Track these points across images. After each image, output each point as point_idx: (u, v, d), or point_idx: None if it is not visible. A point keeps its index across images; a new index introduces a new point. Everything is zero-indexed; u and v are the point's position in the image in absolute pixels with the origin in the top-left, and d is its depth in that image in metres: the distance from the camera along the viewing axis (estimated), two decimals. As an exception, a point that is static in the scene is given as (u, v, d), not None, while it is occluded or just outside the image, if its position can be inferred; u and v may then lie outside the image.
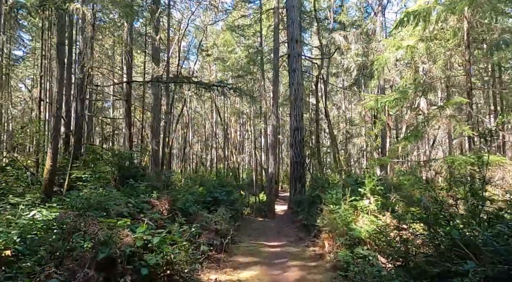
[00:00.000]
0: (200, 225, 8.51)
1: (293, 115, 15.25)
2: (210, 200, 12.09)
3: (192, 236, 7.56)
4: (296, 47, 15.23)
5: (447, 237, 4.63)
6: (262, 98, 24.32)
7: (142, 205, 7.13)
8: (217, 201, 12.17)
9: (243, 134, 33.36)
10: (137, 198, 7.15)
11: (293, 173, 15.26)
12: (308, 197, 12.79)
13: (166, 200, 7.76)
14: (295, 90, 15.19)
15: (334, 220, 8.19)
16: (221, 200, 12.14)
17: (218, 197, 12.14)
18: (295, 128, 15.13)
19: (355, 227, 7.66)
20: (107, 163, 8.79)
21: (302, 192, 15.00)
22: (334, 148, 18.77)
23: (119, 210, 6.22)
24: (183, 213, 8.56)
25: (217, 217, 9.13)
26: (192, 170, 33.53)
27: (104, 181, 8.82)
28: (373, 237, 7.16)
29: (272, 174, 20.14)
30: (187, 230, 7.48)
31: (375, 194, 8.55)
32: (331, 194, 9.02)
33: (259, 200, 22.16)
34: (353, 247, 7.19)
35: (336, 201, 8.70)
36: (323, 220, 9.07)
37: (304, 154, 15.58)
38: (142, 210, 6.90)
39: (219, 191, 12.61)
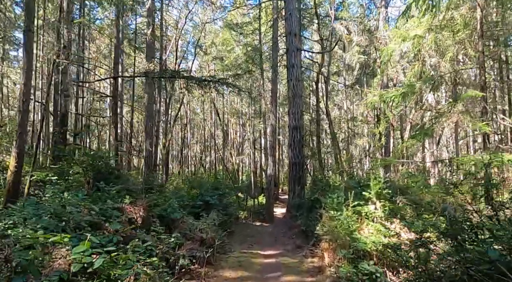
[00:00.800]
0: (182, 233, 7.39)
1: (292, 113, 14.12)
2: (201, 204, 10.98)
3: (171, 247, 6.44)
4: (294, 41, 14.12)
5: (482, 258, 3.49)
6: (261, 97, 23.23)
7: (111, 212, 6.01)
8: (208, 205, 11.05)
9: (242, 135, 32.24)
10: (105, 204, 6.03)
11: (291, 175, 14.12)
12: (308, 200, 11.65)
13: (141, 205, 6.64)
14: (294, 86, 14.06)
15: (335, 228, 7.04)
16: (212, 204, 11.01)
17: (210, 201, 11.02)
18: (294, 127, 14.00)
19: (359, 237, 6.50)
20: (78, 163, 7.70)
21: (301, 195, 13.86)
22: (336, 148, 17.61)
23: (77, 219, 5.10)
24: (164, 220, 7.44)
25: (204, 224, 8.00)
26: (191, 172, 32.40)
27: (77, 184, 7.74)
28: (381, 250, 6.01)
29: (271, 176, 19.03)
30: (165, 241, 6.36)
31: (381, 198, 7.39)
32: (332, 198, 7.86)
33: (258, 202, 21.03)
34: (357, 261, 6.04)
35: (337, 206, 7.55)
36: (323, 227, 7.93)
37: (303, 154, 14.44)
38: (109, 218, 5.78)
39: (211, 194, 11.48)
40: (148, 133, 18.73)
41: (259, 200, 21.63)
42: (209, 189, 12.48)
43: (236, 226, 12.99)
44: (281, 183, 35.31)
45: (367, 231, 6.83)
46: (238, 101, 30.77)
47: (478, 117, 9.33)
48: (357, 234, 6.72)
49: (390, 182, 9.76)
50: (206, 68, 30.67)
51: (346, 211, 7.18)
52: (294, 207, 13.14)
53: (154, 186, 12.14)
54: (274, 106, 19.33)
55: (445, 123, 9.78)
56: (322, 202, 9.00)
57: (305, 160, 14.70)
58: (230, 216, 11.69)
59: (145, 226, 6.59)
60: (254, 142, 27.67)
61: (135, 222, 6.47)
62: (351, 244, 6.39)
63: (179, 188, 16.68)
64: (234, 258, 8.09)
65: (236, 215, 14.43)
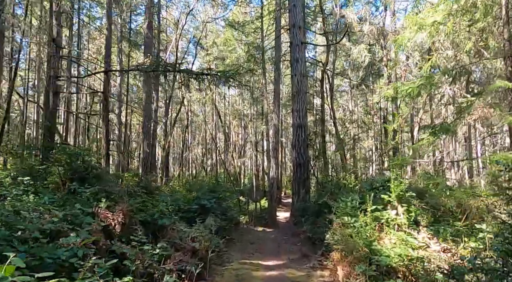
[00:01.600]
0: (171, 243, 6.25)
1: (296, 110, 13.00)
2: (197, 209, 9.84)
3: (156, 260, 5.31)
4: (298, 34, 13.04)
5: None
6: (264, 98, 22.15)
7: (82, 218, 4.89)
8: (205, 209, 9.91)
9: (244, 137, 31.12)
10: (73, 209, 4.91)
11: (296, 177, 12.97)
12: (314, 204, 10.49)
13: (121, 210, 5.52)
14: (298, 82, 12.95)
15: (350, 238, 5.89)
16: (209, 209, 9.87)
17: (206, 205, 9.87)
18: (298, 126, 12.87)
19: (380, 249, 5.35)
20: (52, 161, 6.63)
21: (306, 198, 12.71)
22: (341, 149, 16.46)
23: (31, 228, 3.99)
24: (150, 227, 6.31)
25: (197, 231, 6.85)
26: (192, 175, 31.28)
27: (54, 186, 6.65)
28: (409, 265, 4.85)
29: (273, 179, 17.93)
30: (148, 253, 5.23)
31: (403, 202, 6.23)
32: (345, 202, 6.70)
33: (260, 206, 19.87)
34: (380, 278, 4.88)
35: (351, 211, 6.40)
36: (333, 235, 6.77)
37: (308, 154, 13.30)
38: (78, 226, 4.66)
39: (208, 198, 10.34)
40: (145, 134, 17.68)
41: (261, 204, 20.47)
42: (206, 192, 11.34)
43: (236, 232, 11.84)
44: (284, 186, 34.12)
45: (388, 241, 5.67)
46: (240, 102, 29.72)
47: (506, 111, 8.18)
48: (376, 244, 5.56)
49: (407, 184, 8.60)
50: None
51: (363, 217, 6.02)
52: (299, 211, 11.98)
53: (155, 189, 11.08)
54: (277, 106, 18.26)
55: (468, 119, 8.63)
56: (332, 206, 7.85)
57: (310, 161, 13.55)
58: (229, 221, 10.55)
59: (125, 234, 5.46)
60: (256, 144, 26.55)
61: (113, 230, 5.35)
62: (370, 257, 5.23)
63: (175, 190, 15.57)
64: (231, 271, 6.93)
65: (237, 219, 13.27)
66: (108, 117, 11.23)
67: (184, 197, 12.26)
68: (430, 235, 5.56)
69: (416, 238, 5.41)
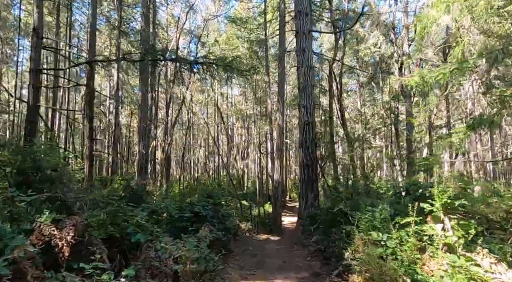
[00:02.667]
0: (146, 266, 4.70)
1: (303, 106, 11.44)
2: (189, 217, 8.28)
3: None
4: (305, 22, 11.51)
5: None
6: (268, 97, 20.60)
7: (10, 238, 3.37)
8: (199, 217, 8.35)
9: (248, 139, 29.55)
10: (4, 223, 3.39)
11: (303, 180, 11.38)
12: (326, 211, 8.87)
13: (73, 225, 3.98)
14: (305, 75, 11.41)
15: (380, 260, 4.32)
16: (204, 217, 8.31)
17: (201, 213, 8.31)
18: (306, 123, 11.31)
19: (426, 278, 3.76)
20: None
21: (315, 204, 11.13)
22: (351, 150, 14.87)
23: None
24: (119, 246, 4.76)
25: (182, 250, 5.30)
26: (194, 178, 29.71)
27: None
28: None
29: (278, 182, 16.38)
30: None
31: (451, 213, 4.62)
32: (372, 212, 5.11)
33: (264, 211, 18.29)
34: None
35: (381, 224, 4.81)
36: (355, 252, 5.21)
37: (317, 155, 11.72)
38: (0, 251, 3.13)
39: (203, 204, 8.77)
40: (142, 135, 16.21)
41: (265, 209, 18.89)
42: (203, 197, 9.79)
43: (236, 242, 10.25)
44: (289, 189, 32.50)
45: (435, 267, 4.08)
46: (242, 101, 28.21)
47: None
48: (419, 271, 3.98)
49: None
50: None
51: (397, 233, 4.43)
52: (307, 219, 10.39)
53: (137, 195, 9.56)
54: (281, 104, 16.74)
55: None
56: (350, 216, 6.28)
57: (318, 162, 11.96)
58: (227, 230, 8.96)
59: (78, 258, 3.91)
60: (260, 146, 24.98)
61: (59, 253, 3.81)
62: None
63: (173, 195, 14.06)
64: (226, 300, 5.37)
65: (237, 228, 11.72)
66: (92, 113, 9.74)
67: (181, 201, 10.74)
68: (495, 259, 3.96)
69: (480, 265, 3.80)
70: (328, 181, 13.08)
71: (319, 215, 9.94)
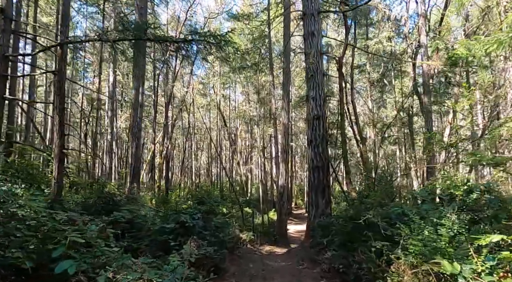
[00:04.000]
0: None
1: (311, 97, 9.60)
2: (173, 229, 6.44)
3: None
4: (313, 2, 9.75)
5: None
6: (272, 96, 18.82)
7: None
8: (186, 229, 6.50)
9: (251, 143, 27.71)
10: None
11: (312, 184, 9.48)
12: (343, 221, 6.97)
13: None
14: (314, 61, 9.61)
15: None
16: (191, 228, 6.46)
17: (187, 223, 6.46)
18: (315, 117, 9.46)
19: None
20: None
21: (327, 212, 9.22)
22: (364, 151, 12.99)
23: None
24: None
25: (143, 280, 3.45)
26: (196, 184, 27.85)
27: None
28: None
29: (283, 187, 14.50)
30: None
31: None
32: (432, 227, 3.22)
33: (268, 219, 16.41)
34: None
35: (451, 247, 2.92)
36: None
37: (328, 155, 9.84)
38: None
39: (191, 212, 6.92)
40: (134, 135, 14.51)
41: (269, 216, 17.00)
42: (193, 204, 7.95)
43: (233, 258, 8.34)
44: (295, 195, 30.51)
45: None
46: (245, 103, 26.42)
47: None
48: None
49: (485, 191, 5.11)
50: (211, 69, 26.54)
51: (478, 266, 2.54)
52: (319, 230, 8.49)
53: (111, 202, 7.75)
54: (287, 101, 14.96)
55: None
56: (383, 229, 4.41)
57: (330, 162, 10.06)
58: (221, 244, 7.09)
59: None
60: (264, 149, 23.12)
61: None
62: None
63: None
64: None
65: (237, 239, 9.84)
66: (63, 103, 8.00)
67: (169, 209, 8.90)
68: None
69: None
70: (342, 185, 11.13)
71: (333, 225, 8.05)
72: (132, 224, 6.58)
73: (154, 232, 6.51)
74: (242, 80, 23.06)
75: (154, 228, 6.39)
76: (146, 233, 6.56)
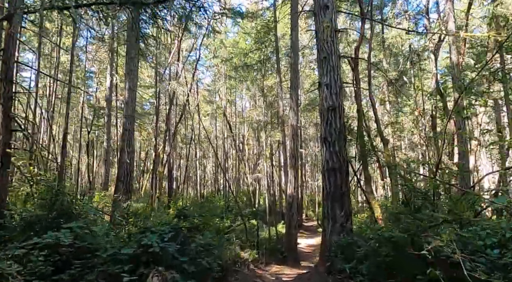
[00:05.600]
0: None
1: (325, 84, 7.49)
2: (131, 256, 4.36)
3: None
4: (326, -32, 7.77)
5: None
6: (279, 98, 16.80)
7: None
8: (153, 255, 4.40)
9: (259, 151, 25.56)
10: None
11: (328, 191, 7.27)
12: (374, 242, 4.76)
13: None
14: (328, 41, 7.55)
15: None
16: (156, 254, 4.35)
17: (151, 247, 4.36)
18: (330, 108, 7.34)
19: None
20: None
21: (347, 227, 7.01)
22: (387, 154, 10.76)
23: None
24: None
25: None
26: (201, 194, 25.73)
27: None
28: None
29: (292, 196, 12.36)
30: None
31: None
32: None
33: (277, 233, 14.18)
34: None
35: None
36: None
37: (347, 155, 7.67)
38: None
39: (162, 231, 4.82)
40: (125, 138, 12.60)
41: (277, 230, 14.75)
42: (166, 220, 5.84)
43: None
44: (305, 206, 28.08)
45: None
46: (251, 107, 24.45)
47: None
48: None
49: None
50: (216, 71, 24.72)
51: None
52: (338, 251, 6.30)
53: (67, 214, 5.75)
54: (295, 101, 12.96)
55: None
56: (466, 269, 2.25)
57: (349, 164, 7.85)
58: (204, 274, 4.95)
59: None
60: (272, 157, 20.97)
61: None
62: None
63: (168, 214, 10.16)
64: None
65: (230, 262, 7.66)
66: (9, 91, 6.11)
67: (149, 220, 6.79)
68: None
69: None
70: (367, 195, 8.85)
71: (358, 246, 5.87)
72: (77, 247, 4.52)
73: (110, 260, 4.43)
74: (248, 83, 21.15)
75: (106, 253, 4.32)
76: (98, 262, 4.48)
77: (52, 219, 5.62)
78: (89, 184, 22.05)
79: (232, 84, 23.66)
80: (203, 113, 28.65)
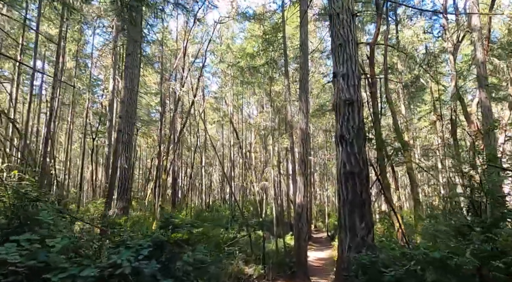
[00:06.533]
0: None
1: (340, 75, 6.42)
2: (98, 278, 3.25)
3: None
4: None
5: None
6: (287, 102, 15.77)
7: None
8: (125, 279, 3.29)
9: (266, 159, 24.42)
10: None
11: (345, 198, 6.09)
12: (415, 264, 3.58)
13: None
14: (344, 27, 6.51)
15: None
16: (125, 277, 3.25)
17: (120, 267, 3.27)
18: (347, 102, 6.24)
19: None
20: None
21: (368, 241, 5.82)
22: (408, 159, 9.58)
23: None
24: None
25: None
26: (206, 204, 24.57)
27: None
28: None
29: (302, 206, 11.21)
30: None
31: None
32: None
33: (284, 244, 12.93)
34: None
35: None
36: None
37: (367, 157, 6.51)
38: None
39: (139, 245, 3.73)
40: (120, 140, 11.71)
41: (285, 242, 13.52)
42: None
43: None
44: (314, 217, 26.68)
45: None
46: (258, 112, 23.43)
47: None
48: None
49: None
50: (222, 77, 23.87)
51: None
52: (359, 269, 5.11)
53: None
54: (304, 102, 12.02)
55: None
56: None
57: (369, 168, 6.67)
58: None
59: None
60: (279, 164, 19.81)
61: None
62: None
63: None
64: None
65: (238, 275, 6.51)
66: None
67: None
68: None
69: None
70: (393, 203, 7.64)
71: (383, 265, 4.70)
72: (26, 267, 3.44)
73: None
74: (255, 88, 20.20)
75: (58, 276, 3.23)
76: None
77: (14, 228, 4.59)
78: (92, 191, 21.19)
79: (239, 90, 22.75)
80: (209, 121, 27.74)
